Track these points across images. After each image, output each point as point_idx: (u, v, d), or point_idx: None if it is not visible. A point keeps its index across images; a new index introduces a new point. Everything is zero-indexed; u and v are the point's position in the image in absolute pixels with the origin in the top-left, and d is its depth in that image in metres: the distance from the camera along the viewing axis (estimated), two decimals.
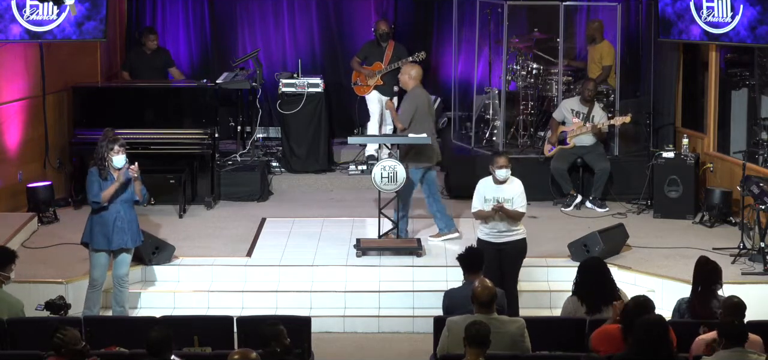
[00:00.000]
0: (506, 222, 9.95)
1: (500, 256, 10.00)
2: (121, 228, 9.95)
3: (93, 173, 9.96)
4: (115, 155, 9.90)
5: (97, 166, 9.95)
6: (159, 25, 15.34)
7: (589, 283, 8.63)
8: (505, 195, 9.94)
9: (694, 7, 12.73)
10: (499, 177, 9.97)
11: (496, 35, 14.27)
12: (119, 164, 9.90)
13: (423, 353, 9.17)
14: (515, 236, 10.02)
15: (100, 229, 9.94)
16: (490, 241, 10.01)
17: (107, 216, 9.93)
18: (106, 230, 9.93)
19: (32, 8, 12.35)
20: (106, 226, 9.93)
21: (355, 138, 12.81)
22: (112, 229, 9.93)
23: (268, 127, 15.25)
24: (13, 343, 8.46)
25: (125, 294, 10.23)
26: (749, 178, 11.53)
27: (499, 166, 9.96)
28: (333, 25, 15.54)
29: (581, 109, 13.22)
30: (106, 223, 9.93)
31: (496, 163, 9.99)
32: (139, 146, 12.92)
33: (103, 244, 9.96)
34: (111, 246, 9.98)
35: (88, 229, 10.05)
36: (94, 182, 9.92)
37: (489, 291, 7.99)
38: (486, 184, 10.10)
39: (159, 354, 7.23)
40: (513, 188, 10.00)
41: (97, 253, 10.00)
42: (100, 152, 9.96)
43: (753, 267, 10.90)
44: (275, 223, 12.58)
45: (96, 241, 9.97)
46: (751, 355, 7.29)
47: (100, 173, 9.92)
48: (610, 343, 7.77)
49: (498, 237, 10.00)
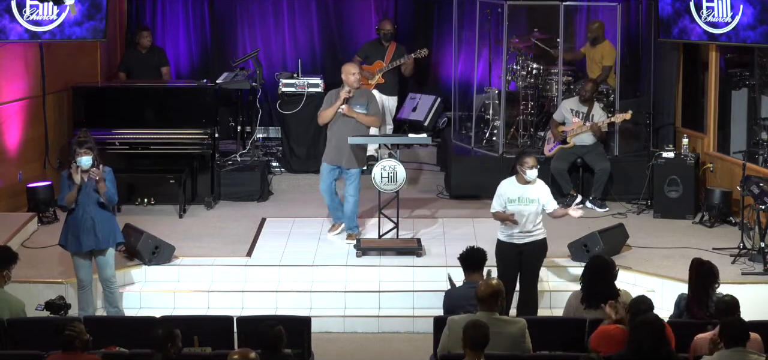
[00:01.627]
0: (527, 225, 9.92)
1: (521, 257, 9.99)
2: (88, 229, 9.92)
3: (64, 176, 10.03)
4: (79, 156, 9.86)
5: (68, 168, 9.98)
6: (159, 25, 15.34)
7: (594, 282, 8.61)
8: (530, 196, 9.91)
9: (694, 7, 12.73)
10: (529, 177, 9.90)
11: (496, 35, 14.27)
12: (86, 165, 9.85)
13: (423, 353, 9.18)
14: (537, 236, 10.00)
15: (71, 231, 9.98)
16: (512, 243, 9.98)
17: (77, 218, 9.94)
18: (76, 232, 9.95)
19: (32, 8, 12.35)
20: (76, 228, 9.94)
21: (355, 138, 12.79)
22: (82, 231, 9.92)
23: (268, 127, 15.25)
24: (13, 343, 8.46)
25: (115, 295, 10.22)
26: (749, 178, 11.53)
27: (530, 167, 9.89)
28: (333, 25, 15.54)
29: (580, 108, 13.23)
30: (76, 224, 9.94)
31: (526, 163, 9.90)
32: (139, 146, 12.95)
33: (75, 245, 9.98)
34: (81, 248, 9.97)
35: (64, 231, 10.09)
36: (64, 184, 9.97)
37: (491, 288, 7.98)
38: (509, 185, 10.03)
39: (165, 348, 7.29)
40: (537, 189, 9.95)
41: (74, 255, 10.03)
42: (71, 154, 10.03)
43: (753, 267, 10.90)
44: (275, 223, 12.58)
45: (69, 243, 10.01)
46: (751, 355, 7.29)
47: (70, 176, 9.92)
48: (610, 344, 7.77)
49: (520, 238, 9.96)
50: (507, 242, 10.01)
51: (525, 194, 9.92)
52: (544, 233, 10.05)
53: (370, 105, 11.72)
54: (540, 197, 9.92)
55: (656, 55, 13.90)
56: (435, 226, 12.48)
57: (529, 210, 9.90)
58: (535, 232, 9.96)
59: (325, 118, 11.77)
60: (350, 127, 11.62)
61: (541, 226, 10.01)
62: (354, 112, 11.62)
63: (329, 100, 11.82)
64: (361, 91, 11.80)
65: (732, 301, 8.01)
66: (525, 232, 9.94)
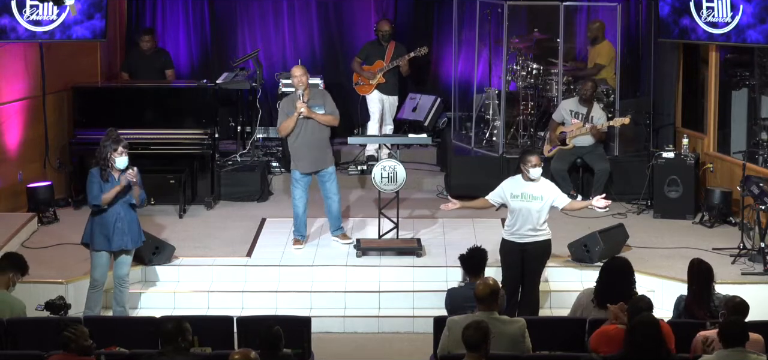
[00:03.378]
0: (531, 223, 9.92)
1: (523, 256, 9.99)
2: (121, 229, 9.94)
3: (94, 174, 9.92)
4: (118, 156, 9.85)
5: (99, 166, 9.90)
6: (159, 26, 15.35)
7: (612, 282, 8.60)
8: (533, 193, 9.90)
9: (694, 7, 12.73)
10: (533, 176, 9.88)
11: (496, 35, 14.28)
12: (122, 165, 9.86)
13: (423, 353, 9.17)
14: (540, 237, 9.98)
15: (100, 230, 9.93)
16: (515, 241, 9.98)
17: (107, 217, 9.91)
18: (106, 231, 9.92)
19: (32, 8, 12.35)
20: (106, 228, 9.92)
21: (355, 138, 12.81)
22: (113, 231, 9.92)
23: (268, 127, 15.23)
24: (13, 343, 8.47)
25: (126, 294, 10.23)
26: (749, 178, 11.53)
27: (534, 165, 9.86)
28: (333, 25, 15.54)
29: (580, 109, 13.23)
30: (106, 224, 9.91)
31: (529, 162, 9.88)
32: (139, 146, 12.92)
33: (104, 245, 9.95)
34: (111, 247, 9.97)
35: (89, 230, 10.03)
36: (95, 183, 9.88)
37: (489, 288, 7.99)
38: (513, 182, 10.03)
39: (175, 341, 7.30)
40: (541, 187, 9.93)
41: (97, 253, 9.99)
42: (103, 152, 9.90)
43: (753, 267, 10.90)
44: (275, 223, 12.57)
45: (96, 241, 9.96)
46: (751, 355, 7.29)
47: (101, 174, 9.88)
48: (610, 344, 7.77)
49: (523, 237, 9.95)
50: (510, 241, 10.01)
51: (528, 191, 9.90)
52: (549, 235, 10.02)
53: (326, 104, 11.51)
54: (544, 195, 9.89)
55: (656, 55, 13.90)
56: (435, 226, 12.48)
57: (532, 207, 9.88)
58: (539, 233, 9.94)
59: (287, 129, 11.40)
60: (315, 129, 11.37)
61: (546, 227, 9.98)
62: (314, 114, 11.39)
63: (285, 109, 11.51)
64: (315, 92, 11.61)
65: (742, 303, 8.01)
66: (528, 231, 9.93)
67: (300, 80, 11.32)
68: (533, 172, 9.87)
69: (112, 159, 9.85)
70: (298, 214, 11.64)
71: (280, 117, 11.60)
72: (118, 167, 9.87)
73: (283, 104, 11.71)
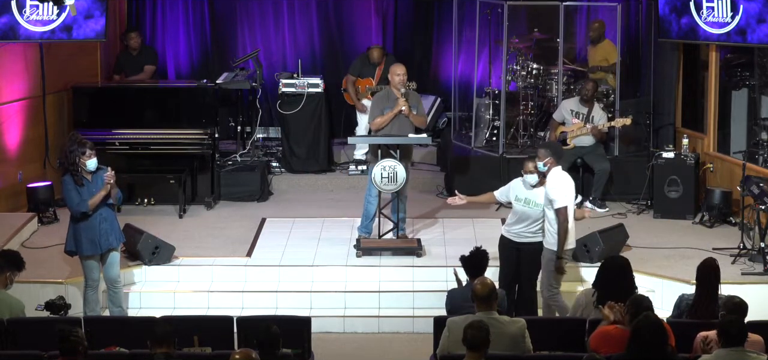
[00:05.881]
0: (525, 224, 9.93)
1: (519, 255, 10.02)
2: (106, 230, 9.89)
3: (68, 182, 9.76)
4: (87, 159, 9.75)
5: (70, 172, 9.76)
6: (159, 25, 15.35)
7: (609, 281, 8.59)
8: (536, 200, 9.92)
9: (694, 7, 12.73)
10: (529, 182, 9.94)
11: (496, 35, 14.27)
12: (92, 167, 9.78)
13: (423, 353, 9.18)
14: (535, 239, 10.00)
15: (86, 235, 9.85)
16: (511, 239, 10.05)
17: (93, 221, 9.83)
18: (92, 235, 9.84)
19: (32, 8, 12.35)
20: (92, 231, 9.83)
21: (355, 138, 12.80)
22: (99, 233, 9.85)
23: (268, 127, 15.26)
24: (13, 343, 8.46)
25: (120, 294, 10.20)
26: (749, 178, 11.53)
27: (529, 172, 9.92)
28: (333, 25, 15.54)
29: (581, 109, 13.22)
30: (92, 227, 9.83)
31: (526, 168, 9.97)
32: (139, 146, 12.95)
33: (91, 249, 9.88)
34: (100, 249, 9.91)
35: (71, 236, 9.93)
36: (72, 190, 9.75)
37: (487, 287, 7.99)
38: (521, 184, 10.07)
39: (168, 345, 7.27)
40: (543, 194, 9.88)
41: (87, 259, 9.93)
42: (71, 158, 9.75)
43: (753, 267, 10.90)
44: (275, 223, 12.58)
45: (84, 248, 9.88)
46: (750, 354, 7.29)
47: (74, 180, 9.76)
48: (610, 344, 7.76)
49: (518, 237, 10.01)
50: (506, 238, 10.11)
51: (531, 197, 9.96)
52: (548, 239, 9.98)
53: (419, 105, 11.64)
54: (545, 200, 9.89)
55: (656, 55, 13.90)
56: (435, 226, 12.48)
57: (532, 213, 9.95)
58: (535, 236, 9.98)
59: (380, 125, 11.43)
60: (403, 128, 11.43)
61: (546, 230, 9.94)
62: (413, 114, 11.47)
63: (380, 105, 11.50)
64: (410, 93, 11.59)
65: (741, 303, 8.01)
66: (523, 232, 9.98)
67: (402, 80, 11.40)
68: (529, 178, 9.93)
69: (83, 163, 9.73)
70: (368, 215, 11.64)
71: (372, 112, 11.61)
72: (89, 169, 9.77)
73: (376, 99, 11.68)
